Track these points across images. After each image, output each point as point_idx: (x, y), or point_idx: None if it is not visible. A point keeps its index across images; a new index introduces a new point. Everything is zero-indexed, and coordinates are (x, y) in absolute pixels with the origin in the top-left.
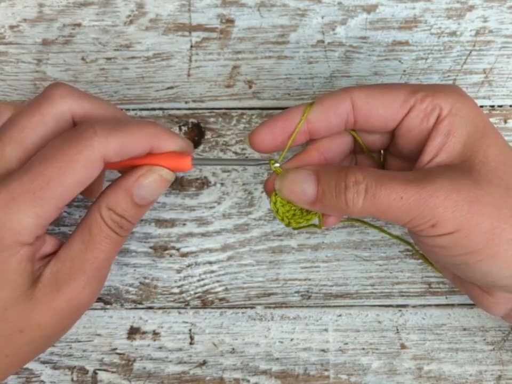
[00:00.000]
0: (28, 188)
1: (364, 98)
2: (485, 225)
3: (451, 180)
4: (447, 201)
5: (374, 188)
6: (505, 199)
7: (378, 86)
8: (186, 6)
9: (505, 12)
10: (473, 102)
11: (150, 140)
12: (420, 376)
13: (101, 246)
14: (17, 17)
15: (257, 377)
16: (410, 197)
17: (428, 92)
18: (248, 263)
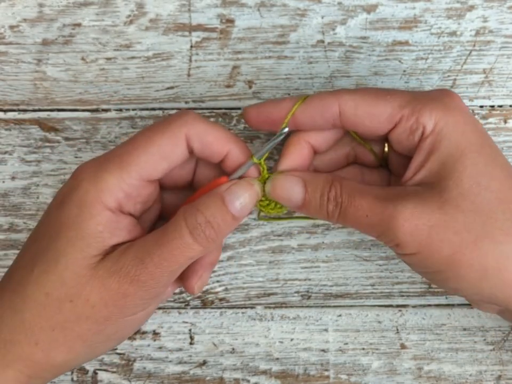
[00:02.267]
0: (119, 152)
1: (351, 108)
2: (445, 250)
3: (416, 203)
4: (406, 225)
5: (345, 203)
6: (470, 224)
7: (367, 94)
8: (186, 6)
9: (505, 12)
10: (462, 116)
11: (230, 142)
12: (420, 376)
13: (171, 248)
14: (17, 17)
15: (257, 377)
16: (374, 216)
17: (414, 107)
18: (248, 263)
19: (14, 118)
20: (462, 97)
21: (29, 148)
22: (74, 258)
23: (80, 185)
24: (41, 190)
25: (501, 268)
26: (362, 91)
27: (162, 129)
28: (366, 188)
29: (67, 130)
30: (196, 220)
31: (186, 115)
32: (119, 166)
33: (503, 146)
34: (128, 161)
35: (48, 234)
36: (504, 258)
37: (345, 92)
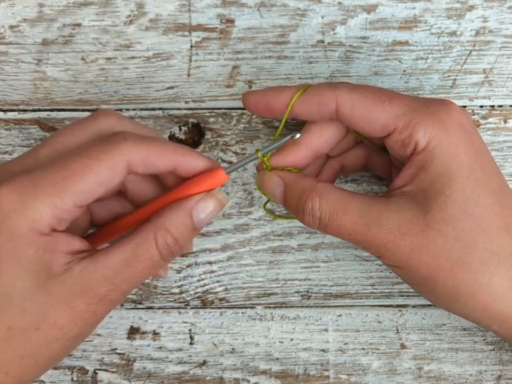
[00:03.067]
0: (51, 177)
1: (348, 108)
2: (422, 271)
3: (401, 224)
4: (390, 245)
5: (327, 220)
6: (449, 250)
7: (366, 96)
8: (186, 6)
9: (505, 12)
10: (458, 135)
11: (175, 157)
12: (420, 376)
13: (141, 267)
14: (17, 17)
15: (257, 377)
16: (358, 235)
17: (410, 121)
18: (248, 263)
19: (14, 118)
20: (462, 97)
21: (29, 148)
22: (27, 289)
23: (8, 217)
24: None
25: (473, 295)
26: (362, 90)
27: (101, 156)
28: (349, 202)
29: None
30: (165, 241)
31: (124, 139)
32: (52, 193)
33: (503, 146)
34: (63, 188)
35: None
36: (478, 286)
37: (345, 88)
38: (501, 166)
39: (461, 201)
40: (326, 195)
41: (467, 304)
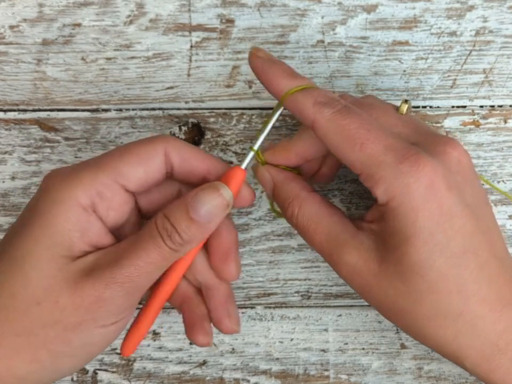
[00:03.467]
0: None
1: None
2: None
3: (358, 262)
4: (347, 276)
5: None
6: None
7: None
8: (186, 6)
9: (505, 12)
10: (421, 199)
11: (208, 159)
12: (420, 376)
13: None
14: (17, 17)
15: (257, 377)
16: (323, 254)
17: (374, 174)
18: (248, 263)
19: (14, 118)
20: (462, 97)
21: (29, 147)
22: (40, 257)
23: (53, 184)
24: None
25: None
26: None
27: (141, 141)
28: (322, 222)
29: (67, 130)
30: (162, 224)
31: (165, 136)
32: (95, 166)
33: (503, 146)
34: (104, 163)
35: (17, 233)
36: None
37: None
38: (501, 166)
39: (415, 263)
40: (304, 207)
41: (421, 342)
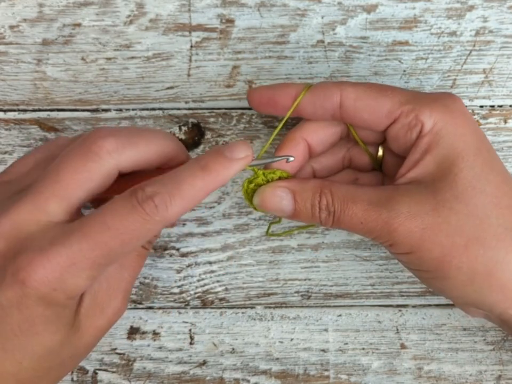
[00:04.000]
0: (89, 256)
1: (352, 100)
2: (436, 252)
3: (410, 205)
4: (401, 228)
5: (339, 211)
6: (462, 227)
7: (370, 88)
8: (186, 6)
9: (505, 12)
10: (462, 119)
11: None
12: (420, 376)
13: (134, 263)
14: (17, 17)
15: (257, 377)
16: (369, 222)
17: (415, 105)
18: (248, 263)
19: (14, 118)
20: (462, 97)
21: (29, 147)
22: (62, 340)
23: None
24: None
25: (489, 273)
26: (365, 84)
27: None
28: (358, 193)
29: (67, 130)
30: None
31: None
32: (90, 269)
33: (503, 146)
34: (101, 263)
35: None
36: (494, 264)
37: (348, 83)
38: None
39: (471, 178)
40: (336, 189)
41: (483, 285)
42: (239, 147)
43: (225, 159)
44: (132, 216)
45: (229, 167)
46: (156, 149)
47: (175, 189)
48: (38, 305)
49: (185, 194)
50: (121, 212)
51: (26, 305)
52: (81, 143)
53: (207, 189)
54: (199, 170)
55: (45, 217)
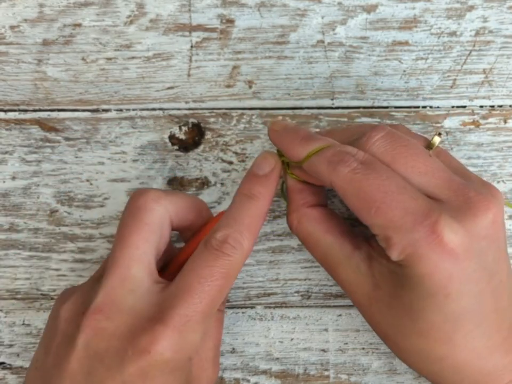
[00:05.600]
0: (199, 309)
1: (340, 194)
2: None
3: (351, 283)
4: (346, 291)
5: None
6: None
7: (357, 194)
8: (187, 6)
9: (505, 12)
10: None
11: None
12: (420, 376)
13: (215, 330)
14: (18, 18)
15: (257, 377)
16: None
17: (390, 237)
18: (248, 263)
19: (15, 118)
20: (461, 97)
21: (29, 147)
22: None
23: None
24: (42, 190)
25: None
26: (358, 183)
27: (220, 272)
28: (319, 237)
29: (67, 130)
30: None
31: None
32: (203, 323)
33: (503, 146)
34: (209, 314)
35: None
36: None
37: (341, 175)
38: (500, 166)
39: (411, 308)
40: (302, 222)
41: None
42: (265, 160)
43: (261, 178)
44: (219, 262)
45: (268, 184)
46: (191, 199)
47: (240, 225)
48: (163, 373)
49: (250, 226)
50: (208, 261)
51: (150, 375)
52: (128, 205)
53: (262, 212)
54: (248, 201)
55: (136, 285)
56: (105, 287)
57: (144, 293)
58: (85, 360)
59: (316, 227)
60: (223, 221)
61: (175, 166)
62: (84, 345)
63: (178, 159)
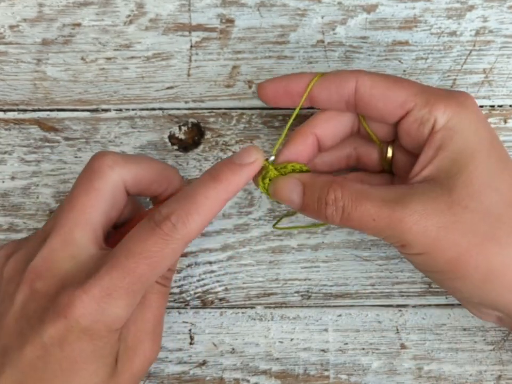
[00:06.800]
0: (121, 285)
1: (367, 87)
2: (451, 251)
3: (426, 204)
4: (415, 227)
5: (349, 207)
6: (478, 225)
7: (386, 78)
8: (186, 6)
9: (505, 12)
10: (476, 115)
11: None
12: (420, 376)
13: (155, 303)
14: (17, 17)
15: (257, 377)
16: (382, 220)
17: (429, 98)
18: (248, 263)
19: (14, 117)
20: None
21: (29, 147)
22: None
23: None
24: (41, 190)
25: (505, 271)
26: (380, 74)
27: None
28: (371, 190)
29: (67, 130)
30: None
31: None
32: (126, 298)
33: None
34: (134, 291)
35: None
36: (510, 261)
37: (364, 71)
38: None
39: (486, 176)
40: (346, 185)
41: (500, 284)
42: (248, 152)
43: (234, 165)
44: (153, 239)
45: (240, 174)
46: (157, 166)
47: (190, 204)
48: (80, 340)
49: (200, 208)
50: (142, 236)
51: (68, 341)
52: (85, 167)
53: (221, 199)
54: (210, 181)
55: (77, 251)
56: (46, 248)
57: (84, 259)
58: (20, 319)
59: (359, 184)
60: (174, 197)
61: (174, 166)
62: (20, 304)
63: (178, 159)
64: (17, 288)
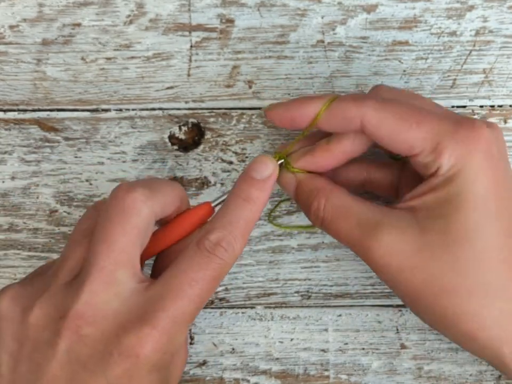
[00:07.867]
0: (187, 311)
1: (373, 127)
2: (411, 293)
3: (394, 240)
4: (380, 261)
5: (328, 220)
6: (440, 275)
7: (394, 113)
8: (186, 6)
9: (505, 12)
10: (483, 156)
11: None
12: (420, 376)
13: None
14: (17, 17)
15: (257, 377)
16: (353, 241)
17: (438, 143)
18: (248, 263)
19: (14, 118)
20: (461, 97)
21: (29, 147)
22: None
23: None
24: (41, 190)
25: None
26: (390, 109)
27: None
28: (352, 207)
29: (67, 130)
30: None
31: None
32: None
33: None
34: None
35: None
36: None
37: (371, 105)
38: None
39: (464, 230)
40: (331, 198)
41: (453, 330)
42: (265, 164)
43: (258, 182)
44: (211, 265)
45: (265, 189)
46: (172, 189)
47: (234, 228)
48: (150, 373)
49: (243, 229)
50: (201, 264)
51: (138, 377)
52: (114, 203)
53: (256, 218)
54: (244, 204)
55: (119, 289)
56: (85, 292)
57: (128, 295)
58: (67, 365)
59: (348, 198)
60: (217, 222)
61: (174, 166)
62: (65, 351)
63: (178, 159)
64: (57, 336)
